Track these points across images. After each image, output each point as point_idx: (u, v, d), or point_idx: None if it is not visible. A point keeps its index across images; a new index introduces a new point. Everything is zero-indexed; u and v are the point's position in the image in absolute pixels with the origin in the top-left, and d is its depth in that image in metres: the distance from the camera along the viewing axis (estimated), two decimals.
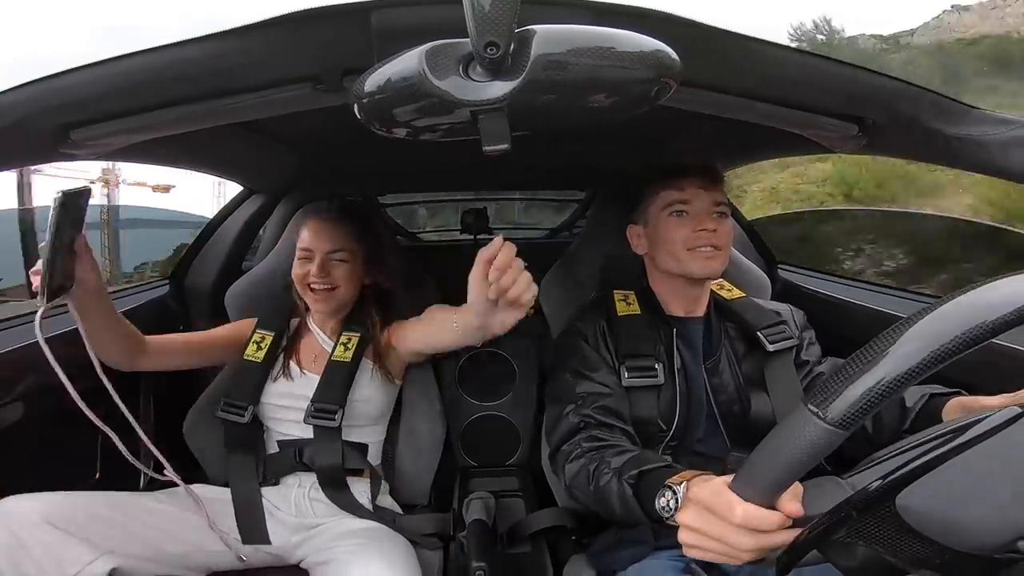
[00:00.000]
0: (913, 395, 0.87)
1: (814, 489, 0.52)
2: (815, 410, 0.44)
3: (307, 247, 1.15)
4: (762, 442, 0.49)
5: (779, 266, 1.64)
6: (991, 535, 0.40)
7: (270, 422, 1.18)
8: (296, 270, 1.16)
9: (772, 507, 0.51)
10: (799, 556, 0.47)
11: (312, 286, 1.14)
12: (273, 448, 1.18)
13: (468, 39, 0.45)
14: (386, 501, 1.20)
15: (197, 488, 1.09)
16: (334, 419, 1.12)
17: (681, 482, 0.64)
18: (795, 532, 0.50)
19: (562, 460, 0.94)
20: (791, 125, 0.84)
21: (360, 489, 1.16)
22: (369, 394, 1.19)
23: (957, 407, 0.80)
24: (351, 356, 1.17)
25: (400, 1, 0.60)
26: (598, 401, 0.95)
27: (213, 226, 1.57)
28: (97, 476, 1.23)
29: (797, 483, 0.50)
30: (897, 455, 0.47)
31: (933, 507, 0.42)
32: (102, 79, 0.68)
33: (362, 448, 1.19)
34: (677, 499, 0.63)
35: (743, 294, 1.11)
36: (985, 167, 0.76)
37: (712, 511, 0.55)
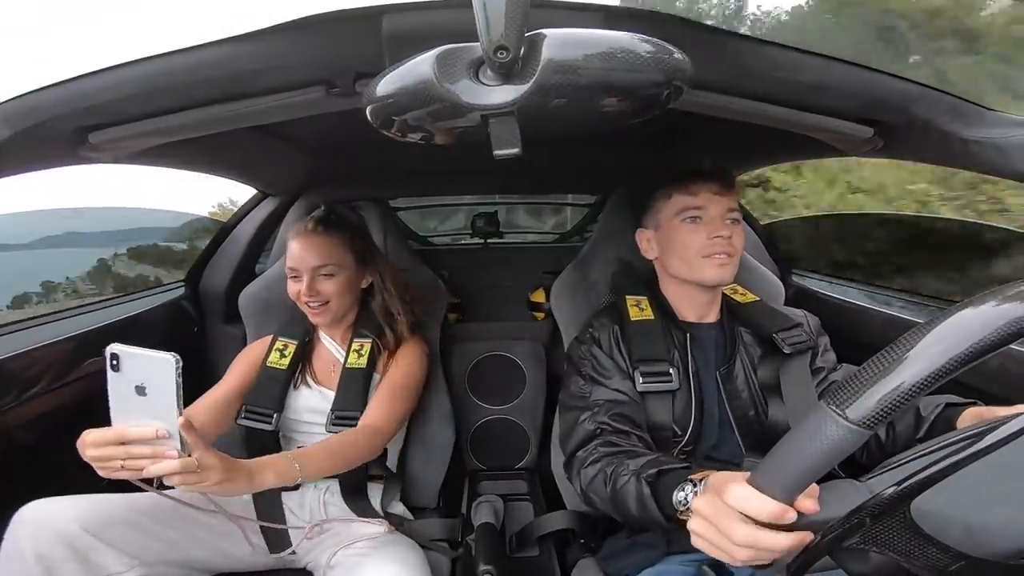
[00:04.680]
0: (928, 404, 0.86)
1: (830, 491, 0.50)
2: (837, 410, 0.43)
3: (293, 266, 1.13)
4: (782, 440, 0.48)
5: (793, 271, 1.63)
6: (1007, 542, 0.40)
7: (289, 431, 1.17)
8: (289, 288, 1.15)
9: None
10: (811, 562, 0.47)
11: (305, 302, 1.13)
12: None
13: (479, 43, 0.45)
14: (397, 507, 1.20)
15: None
16: (356, 425, 1.10)
17: (702, 478, 0.63)
18: (793, 539, 0.48)
19: (578, 466, 0.93)
20: (805, 128, 0.83)
21: (374, 494, 1.16)
22: None
23: (972, 417, 0.78)
24: (365, 362, 1.17)
25: (411, 6, 0.60)
26: (614, 408, 0.95)
27: (227, 229, 1.59)
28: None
29: (814, 484, 0.49)
30: (916, 459, 0.46)
31: (948, 513, 0.41)
32: (120, 82, 0.69)
33: (382, 453, 1.18)
34: (696, 492, 0.62)
35: (757, 298, 1.10)
36: (1003, 170, 0.75)
37: (720, 495, 0.53)
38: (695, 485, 0.63)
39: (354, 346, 1.19)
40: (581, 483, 0.91)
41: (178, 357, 0.70)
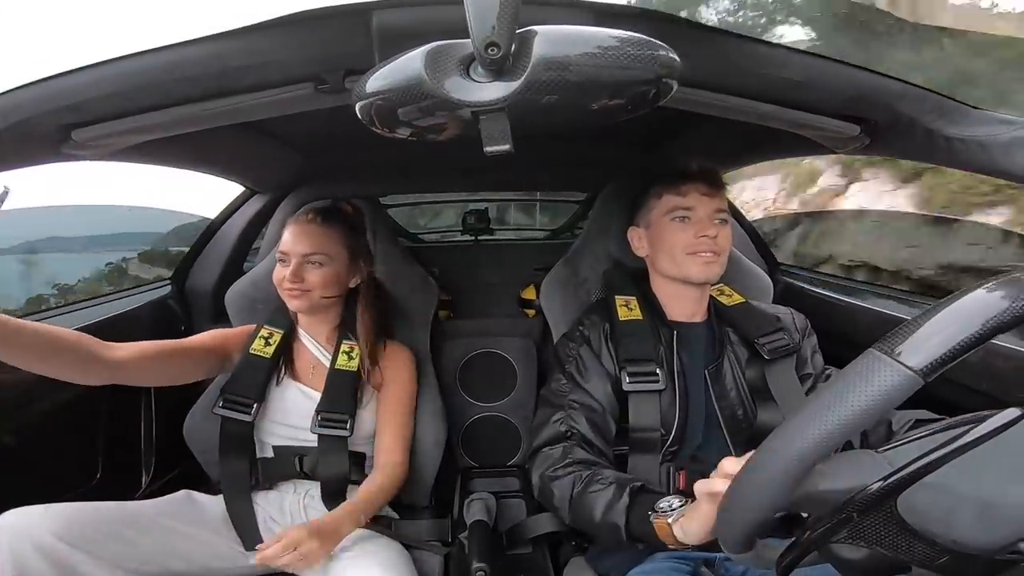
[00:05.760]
0: (900, 419, 0.88)
1: (848, 461, 0.47)
2: (892, 354, 0.40)
3: (284, 251, 1.11)
4: (815, 393, 0.44)
5: (780, 268, 1.64)
6: (993, 536, 0.40)
7: (267, 432, 1.14)
8: (275, 273, 1.12)
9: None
10: (801, 557, 0.47)
11: (287, 288, 1.09)
12: (268, 452, 1.14)
13: (469, 40, 0.45)
14: (383, 509, 1.19)
15: (199, 498, 1.08)
16: (344, 428, 1.09)
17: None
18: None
19: (541, 462, 0.97)
20: (793, 126, 0.84)
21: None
22: (369, 414, 1.16)
23: None
24: (356, 365, 1.14)
25: (401, 2, 0.60)
26: (587, 414, 0.98)
27: (215, 227, 1.58)
28: (98, 476, 1.23)
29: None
30: (936, 433, 0.44)
31: (934, 508, 0.41)
32: (105, 79, 0.68)
33: (361, 458, 1.16)
34: (684, 503, 0.65)
35: (743, 299, 1.11)
36: (986, 168, 0.76)
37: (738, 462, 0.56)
38: (684, 500, 0.67)
39: (344, 347, 1.16)
40: (543, 472, 0.96)
41: (7, 188, 0.64)
